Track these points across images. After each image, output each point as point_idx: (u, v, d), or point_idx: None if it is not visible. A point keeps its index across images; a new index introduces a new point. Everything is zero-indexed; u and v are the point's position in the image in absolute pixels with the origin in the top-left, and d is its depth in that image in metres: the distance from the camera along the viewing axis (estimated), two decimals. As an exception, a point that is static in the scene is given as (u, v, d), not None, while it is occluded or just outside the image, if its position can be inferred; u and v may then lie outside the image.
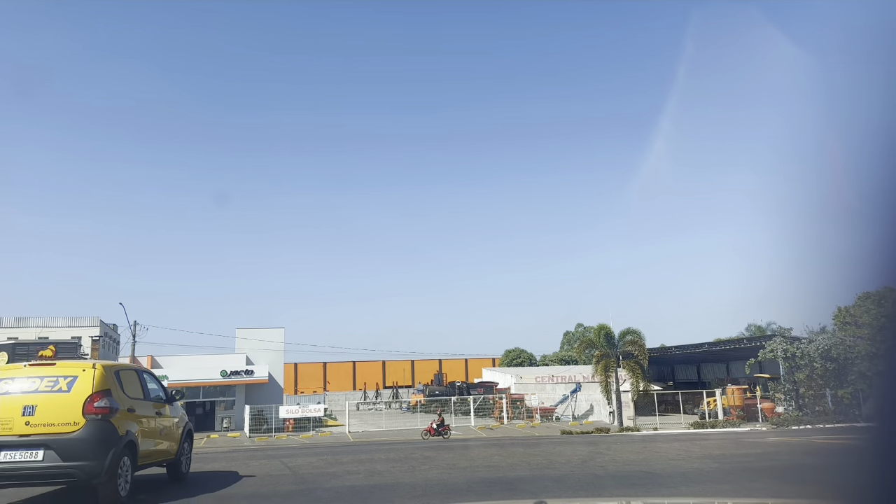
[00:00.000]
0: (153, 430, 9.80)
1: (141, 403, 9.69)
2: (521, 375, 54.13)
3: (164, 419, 10.46)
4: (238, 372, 43.40)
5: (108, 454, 8.21)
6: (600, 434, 25.88)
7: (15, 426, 8.22)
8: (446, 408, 49.12)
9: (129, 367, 10.98)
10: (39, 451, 8.10)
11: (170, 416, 10.77)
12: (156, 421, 10.03)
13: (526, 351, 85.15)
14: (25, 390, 8.55)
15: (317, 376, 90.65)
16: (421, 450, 15.09)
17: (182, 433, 11.11)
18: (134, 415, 9.22)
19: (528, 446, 12.91)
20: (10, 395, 8.38)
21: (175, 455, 10.57)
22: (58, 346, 41.86)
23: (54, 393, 8.39)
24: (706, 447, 14.11)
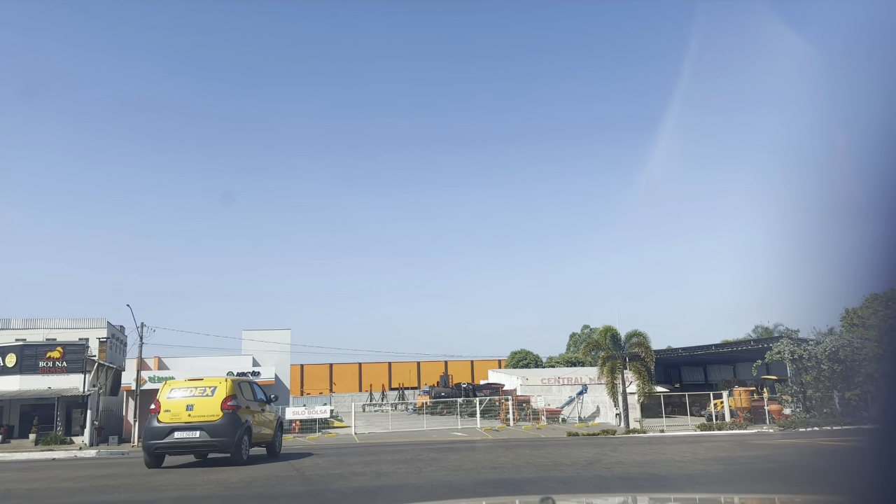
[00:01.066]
0: (260, 421, 14.15)
1: (252, 403, 14.12)
2: (527, 377, 54.03)
3: (266, 414, 14.96)
4: (244, 373, 43.50)
5: (237, 433, 12.56)
6: (606, 436, 25.83)
7: (182, 417, 12.77)
8: (452, 409, 49.26)
9: (246, 379, 15.92)
10: (197, 431, 12.56)
11: (269, 412, 15.32)
12: (261, 415, 14.37)
13: (532, 353, 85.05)
14: (186, 395, 13.11)
15: (323, 378, 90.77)
16: (427, 451, 15.10)
17: (276, 425, 15.53)
18: (249, 410, 13.60)
19: (534, 448, 12.90)
20: (178, 398, 13.03)
21: (272, 438, 15.08)
22: (65, 347, 42.33)
23: (204, 397, 12.91)
24: (712, 449, 14.08)
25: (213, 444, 12.70)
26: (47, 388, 39.36)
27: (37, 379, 39.95)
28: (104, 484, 9.68)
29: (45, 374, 40.23)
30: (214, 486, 8.91)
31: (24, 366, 40.25)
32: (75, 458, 20.40)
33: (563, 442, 19.85)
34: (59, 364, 40.65)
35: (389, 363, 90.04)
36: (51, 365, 40.51)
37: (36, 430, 37.54)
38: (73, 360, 40.62)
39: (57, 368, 40.50)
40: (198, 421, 12.60)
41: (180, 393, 13.21)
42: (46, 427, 38.19)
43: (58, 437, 37.15)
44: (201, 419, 12.59)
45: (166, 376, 42.13)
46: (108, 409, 42.65)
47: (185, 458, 14.49)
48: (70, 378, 39.89)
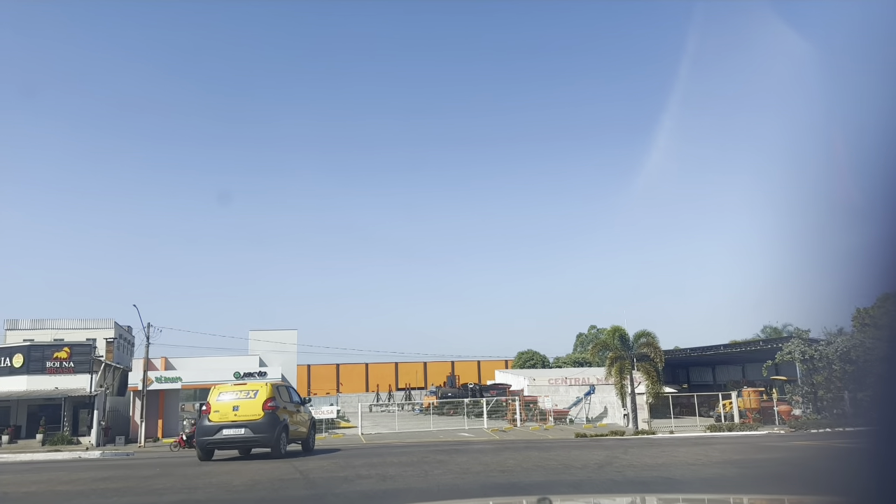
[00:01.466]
0: (296, 420, 15.65)
1: (289, 404, 15.63)
2: (534, 377, 53.79)
3: (301, 414, 16.58)
4: (251, 374, 43.38)
5: (275, 430, 14.08)
6: (615, 437, 25.49)
7: (229, 416, 14.26)
8: (459, 410, 49.01)
9: (283, 384, 17.50)
10: (242, 429, 14.05)
11: (304, 413, 16.97)
12: (296, 415, 15.84)
13: (539, 353, 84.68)
14: (233, 398, 14.63)
15: (330, 378, 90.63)
16: (434, 453, 14.87)
17: (309, 423, 17.13)
18: (286, 410, 15.09)
19: (543, 450, 12.66)
20: (226, 400, 14.59)
21: (306, 436, 16.67)
22: (73, 347, 42.32)
23: (248, 399, 14.42)
24: (725, 451, 13.79)
25: (255, 439, 14.38)
26: (54, 388, 39.33)
27: (44, 379, 39.93)
28: (104, 487, 9.50)
29: (52, 374, 40.21)
30: (216, 489, 8.70)
31: (31, 366, 40.23)
32: (79, 458, 20.30)
33: (572, 443, 19.57)
34: (66, 364, 40.61)
35: (396, 363, 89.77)
36: (58, 365, 40.48)
37: (43, 430, 37.50)
38: (80, 360, 40.59)
39: (64, 369, 40.47)
40: (242, 420, 14.27)
41: (227, 396, 14.93)
42: (54, 427, 38.16)
43: (64, 438, 37.09)
44: (245, 418, 14.26)
45: (173, 377, 42.09)
46: (115, 409, 42.62)
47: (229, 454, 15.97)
48: (77, 378, 39.86)
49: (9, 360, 40.31)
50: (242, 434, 14.16)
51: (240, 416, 14.26)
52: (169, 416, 42.71)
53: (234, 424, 14.18)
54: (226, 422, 14.25)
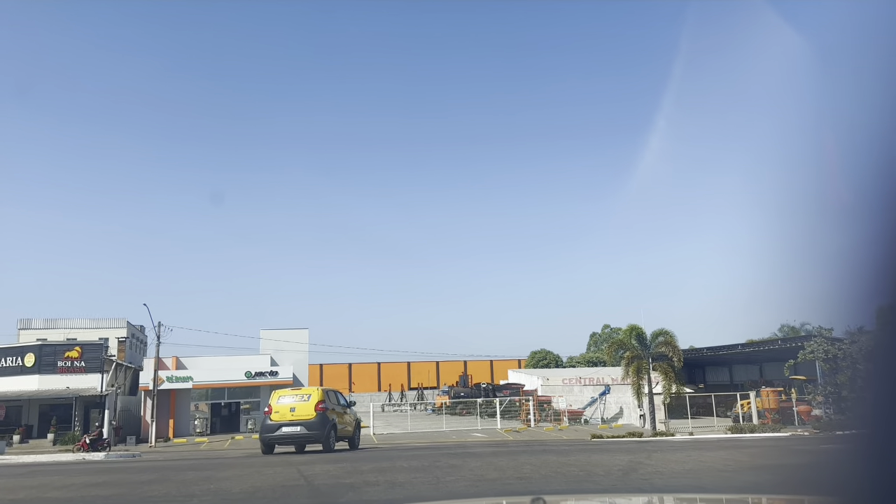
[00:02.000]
0: (343, 421, 17.56)
1: (337, 407, 17.70)
2: (547, 377, 53.00)
3: (348, 416, 18.61)
4: (262, 373, 43.04)
5: (326, 428, 16.20)
6: (634, 439, 24.75)
7: (287, 416, 16.44)
8: (472, 410, 48.37)
9: (332, 389, 19.23)
10: (298, 426, 16.28)
11: (350, 415, 19.10)
12: (343, 416, 17.85)
13: (552, 352, 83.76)
14: (290, 401, 16.92)
15: (342, 377, 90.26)
16: (446, 457, 14.31)
17: (355, 424, 19.27)
18: (335, 412, 17.15)
19: (561, 454, 12.02)
20: (285, 403, 16.84)
21: (352, 434, 18.72)
22: (84, 347, 42.13)
23: (303, 401, 16.60)
24: (754, 455, 13.12)
25: (309, 435, 16.67)
26: (65, 387, 39.13)
27: (55, 379, 39.76)
28: (95, 494, 9.01)
29: (63, 373, 40.02)
30: (212, 497, 8.17)
31: (42, 365, 40.07)
32: (82, 461, 19.82)
33: (590, 446, 18.89)
34: (78, 364, 40.40)
35: (408, 363, 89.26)
36: (69, 365, 40.28)
37: (54, 430, 37.29)
38: (91, 359, 40.36)
39: (75, 368, 40.27)
40: (298, 419, 16.55)
41: (286, 399, 17.35)
42: (65, 427, 37.95)
43: (75, 438, 36.76)
44: (301, 418, 16.55)
45: (184, 376, 41.80)
46: (127, 408, 42.39)
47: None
48: (88, 378, 39.64)
49: (20, 360, 40.16)
50: (298, 431, 16.62)
51: (296, 416, 16.65)
52: (180, 415, 42.40)
53: (292, 423, 16.62)
54: (284, 421, 16.70)
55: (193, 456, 21.17)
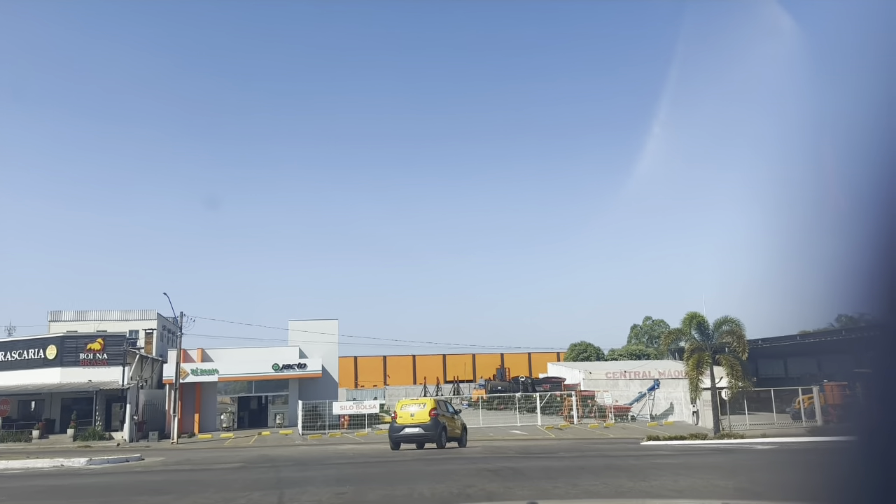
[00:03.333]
0: (452, 425, 20.86)
1: (447, 413, 21.19)
2: (590, 370, 49.98)
3: (456, 421, 21.79)
4: (290, 366, 41.09)
5: (438, 429, 19.60)
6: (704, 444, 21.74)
7: (408, 420, 19.98)
8: (509, 404, 45.93)
9: (443, 399, 24.17)
10: (417, 428, 19.79)
11: (458, 420, 22.38)
12: (452, 421, 21.18)
13: (592, 345, 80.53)
14: (411, 409, 20.59)
15: (377, 370, 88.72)
16: (482, 461, 11.92)
17: (462, 427, 22.23)
18: (445, 417, 20.60)
19: (634, 474, 9.41)
20: (406, 410, 20.52)
21: (460, 436, 21.68)
22: (106, 339, 40.71)
23: (420, 409, 20.32)
24: None
25: (425, 435, 19.99)
26: (88, 381, 37.75)
27: (77, 371, 38.40)
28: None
29: (85, 366, 38.64)
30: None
31: (64, 358, 38.72)
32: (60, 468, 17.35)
33: (658, 452, 16.16)
34: (100, 356, 38.97)
35: (444, 355, 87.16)
36: (91, 357, 38.87)
37: (74, 424, 35.87)
38: (113, 352, 38.89)
39: (98, 361, 38.85)
40: (417, 423, 19.85)
41: (407, 407, 20.92)
42: (87, 422, 36.55)
43: (96, 433, 35.43)
44: (419, 422, 19.84)
45: (209, 369, 40.09)
46: (151, 402, 40.88)
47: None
48: (111, 371, 38.20)
49: (42, 352, 38.90)
50: (417, 431, 20.02)
51: (415, 420, 20.03)
52: (206, 409, 40.71)
53: (412, 425, 20.02)
54: (406, 423, 20.11)
55: (202, 460, 19.01)
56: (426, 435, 20.02)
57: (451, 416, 21.65)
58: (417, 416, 20.03)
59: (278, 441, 34.71)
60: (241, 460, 17.71)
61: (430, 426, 19.70)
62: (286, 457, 19.79)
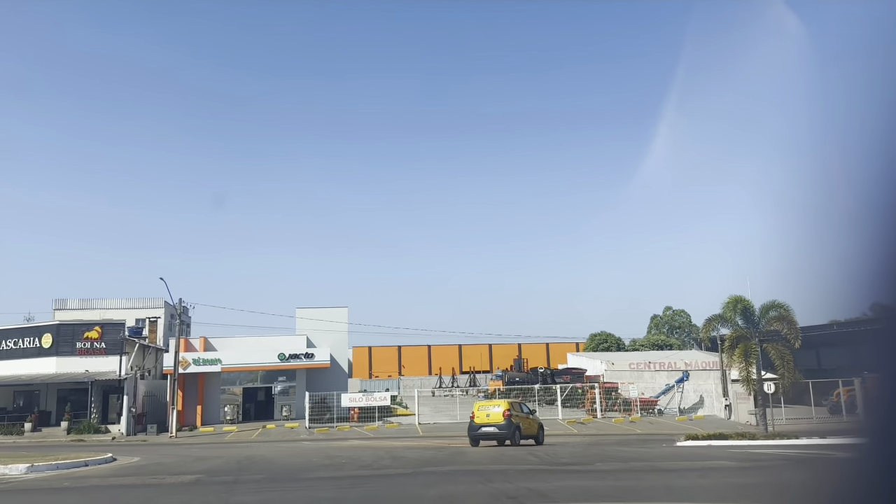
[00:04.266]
0: (526, 424, 22.13)
1: (521, 414, 22.31)
2: (612, 361, 47.46)
3: (531, 420, 23.01)
4: (297, 355, 38.89)
5: (511, 429, 20.98)
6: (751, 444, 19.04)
7: (484, 420, 21.41)
8: (528, 396, 43.59)
9: (517, 401, 25.22)
10: (492, 427, 21.20)
11: (533, 419, 23.39)
12: (527, 420, 22.44)
13: (613, 335, 77.73)
14: (488, 410, 21.94)
15: (392, 360, 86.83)
16: (498, 477, 9.59)
17: (538, 426, 23.07)
18: (519, 417, 21.82)
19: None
20: (483, 410, 21.95)
21: (536, 433, 22.66)
22: (104, 327, 38.78)
23: (496, 410, 21.63)
24: None
25: (499, 434, 20.70)
26: (84, 371, 35.88)
27: (74, 361, 36.54)
28: None
29: (82, 355, 36.76)
30: None
31: (60, 347, 36.84)
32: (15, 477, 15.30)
33: (705, 458, 13.69)
34: (98, 345, 37.06)
35: (460, 346, 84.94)
36: (88, 346, 36.97)
37: (69, 417, 33.97)
38: (112, 341, 36.94)
39: (95, 350, 36.94)
40: (492, 423, 20.70)
41: (484, 409, 21.66)
42: (83, 414, 34.67)
43: (91, 426, 33.54)
44: (494, 422, 20.70)
45: (212, 358, 38.06)
46: (152, 394, 38.96)
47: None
48: (109, 360, 36.29)
49: (37, 340, 37.04)
50: (492, 430, 20.90)
51: (490, 420, 20.99)
52: (209, 401, 38.69)
53: (487, 425, 20.95)
54: (483, 423, 21.05)
55: (168, 466, 16.77)
56: (500, 434, 21.10)
57: (525, 416, 22.73)
58: (493, 416, 21.18)
59: (282, 435, 32.60)
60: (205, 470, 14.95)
61: (505, 426, 20.85)
62: (270, 461, 17.47)
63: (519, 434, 21.23)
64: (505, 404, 22.00)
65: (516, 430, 21.03)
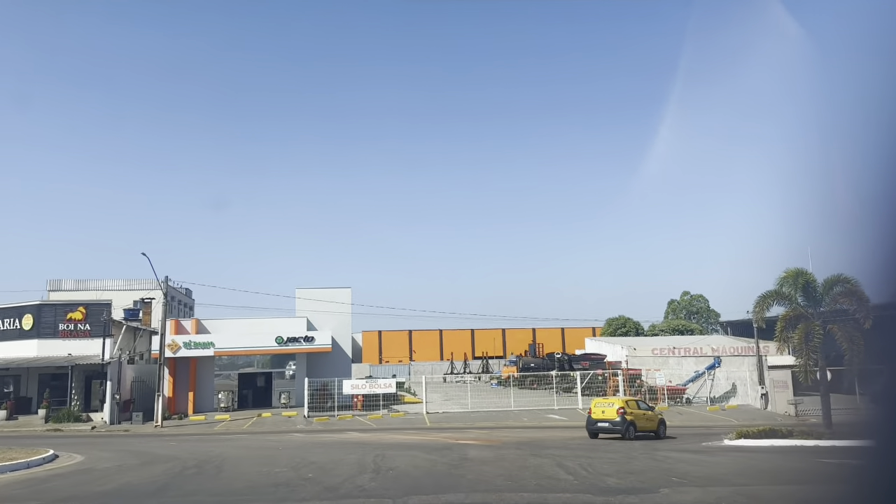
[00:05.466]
0: (643, 419, 23.37)
1: (637, 410, 23.51)
2: (634, 346, 44.31)
3: (649, 415, 24.23)
4: (296, 338, 36.04)
5: (624, 425, 22.09)
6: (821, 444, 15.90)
7: (600, 416, 22.67)
8: (543, 383, 40.74)
9: (634, 398, 26.51)
10: (606, 423, 22.41)
11: (652, 414, 24.64)
12: (644, 415, 23.66)
13: (632, 319, 74.22)
14: (603, 406, 23.21)
15: (402, 345, 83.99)
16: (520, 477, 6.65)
17: (658, 421, 24.34)
18: (634, 414, 22.95)
19: None
20: (599, 406, 23.25)
21: (656, 428, 23.92)
22: (88, 307, 36.06)
23: (610, 407, 22.87)
24: None
25: (612, 429, 22.31)
26: (67, 354, 33.26)
27: (56, 344, 33.91)
28: None
29: (65, 338, 34.14)
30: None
31: (42, 329, 34.25)
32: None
33: (781, 465, 10.58)
34: (82, 327, 34.43)
35: (472, 330, 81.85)
36: (72, 328, 34.34)
37: (47, 404, 31.39)
38: (97, 322, 34.24)
39: (79, 332, 34.31)
40: (606, 419, 22.41)
41: (600, 406, 23.34)
42: (62, 401, 32.11)
43: (71, 414, 30.96)
44: (608, 418, 22.39)
45: (204, 341, 35.35)
46: (142, 379, 36.39)
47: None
48: (94, 343, 33.63)
49: (17, 322, 34.49)
50: (607, 426, 22.20)
51: (605, 416, 22.32)
52: (202, 387, 36.04)
53: (602, 420, 22.34)
54: (599, 419, 22.45)
55: (103, 473, 13.95)
56: (613, 429, 22.17)
57: (643, 412, 23.65)
58: (607, 412, 22.34)
59: (275, 426, 29.84)
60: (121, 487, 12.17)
61: (617, 422, 21.92)
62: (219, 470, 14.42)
63: (633, 429, 22.22)
64: (619, 402, 23.33)
65: (629, 426, 22.08)
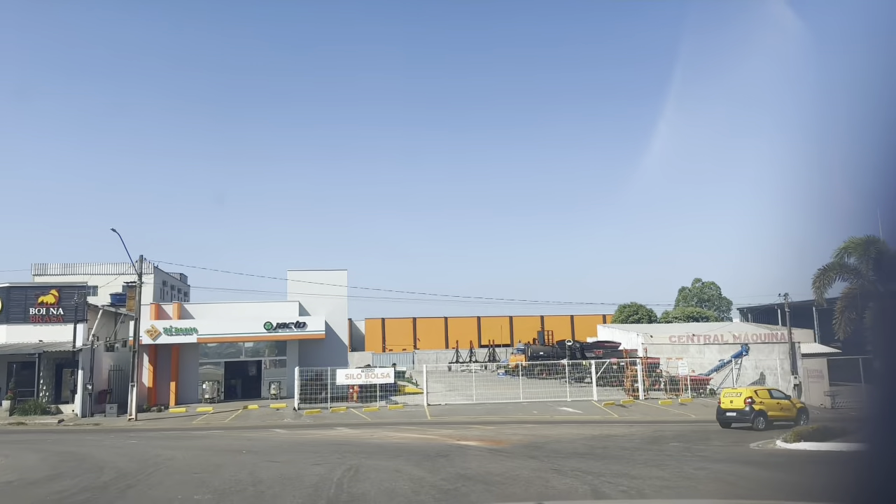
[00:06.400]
0: (776, 408, 23.47)
1: (768, 399, 23.60)
2: (650, 334, 41.39)
3: (783, 403, 24.17)
4: (287, 324, 33.19)
5: (751, 415, 22.40)
6: None
7: (728, 406, 23.23)
8: (553, 372, 37.98)
9: (768, 388, 25.91)
10: (734, 413, 22.81)
11: (787, 402, 24.53)
12: (777, 404, 23.71)
13: (644, 306, 71.13)
14: (731, 396, 23.61)
15: (406, 333, 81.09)
16: None
17: (797, 410, 24.27)
18: (764, 404, 23.18)
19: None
20: (727, 397, 23.84)
21: (795, 416, 23.76)
22: (61, 290, 33.12)
23: (737, 397, 23.42)
24: None
25: (740, 419, 22.61)
26: (38, 340, 30.60)
27: (26, 330, 31.23)
28: None
29: (36, 323, 31.47)
30: None
31: (11, 313, 31.55)
32: None
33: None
34: (55, 311, 31.73)
35: (478, 317, 78.99)
36: (43, 312, 31.65)
37: (12, 395, 28.79)
38: (71, 306, 31.50)
39: (51, 317, 31.63)
40: (734, 409, 22.82)
41: (729, 396, 23.84)
42: (30, 391, 29.45)
43: (39, 406, 28.35)
44: (735, 407, 22.82)
45: (187, 327, 32.53)
46: (120, 367, 33.70)
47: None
48: (67, 329, 30.94)
49: (-16, 305, 31.85)
50: (734, 416, 22.74)
51: (733, 406, 22.93)
52: (185, 377, 33.36)
53: (731, 410, 22.90)
54: (727, 409, 23.07)
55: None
56: (740, 418, 22.61)
57: (776, 401, 23.84)
58: (735, 402, 22.87)
59: (261, 420, 27.06)
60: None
61: (744, 412, 22.41)
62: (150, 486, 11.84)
63: (763, 419, 22.62)
64: (747, 392, 23.89)
65: (758, 416, 22.55)
